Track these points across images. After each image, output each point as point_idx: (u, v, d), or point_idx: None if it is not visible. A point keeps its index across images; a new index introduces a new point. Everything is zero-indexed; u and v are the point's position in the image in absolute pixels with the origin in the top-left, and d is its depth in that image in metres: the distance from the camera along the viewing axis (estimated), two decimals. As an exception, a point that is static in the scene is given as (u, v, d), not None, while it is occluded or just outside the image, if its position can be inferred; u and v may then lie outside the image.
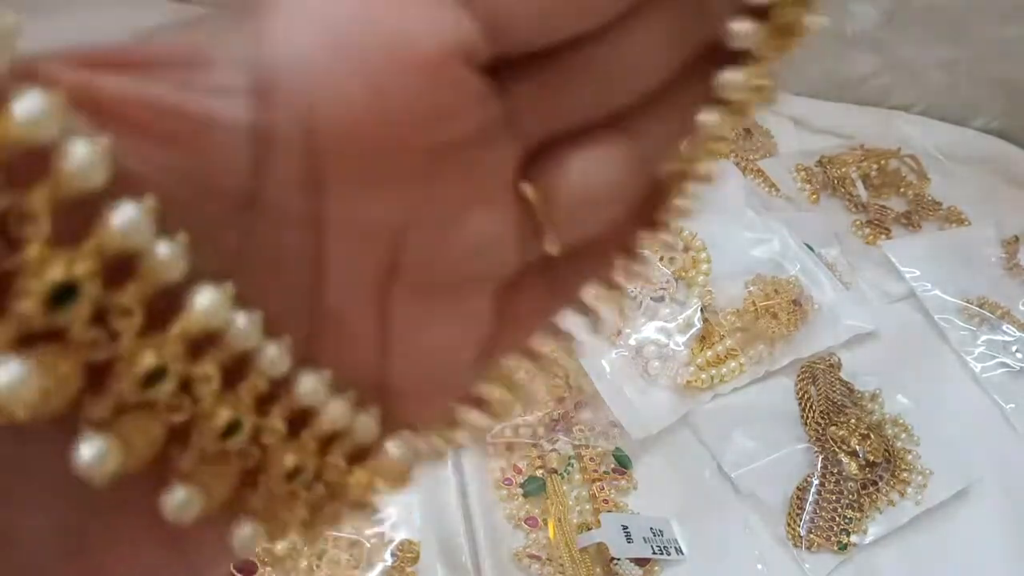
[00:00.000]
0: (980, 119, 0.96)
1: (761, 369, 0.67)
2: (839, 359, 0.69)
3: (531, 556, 0.55)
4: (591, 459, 0.61)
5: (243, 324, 0.14)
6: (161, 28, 0.14)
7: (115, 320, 0.13)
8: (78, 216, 0.12)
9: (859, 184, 0.85)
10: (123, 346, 0.13)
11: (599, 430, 0.63)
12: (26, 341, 0.12)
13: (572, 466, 0.60)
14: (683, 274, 0.70)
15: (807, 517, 0.60)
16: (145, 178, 0.13)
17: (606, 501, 0.59)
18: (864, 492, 0.62)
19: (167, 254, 0.13)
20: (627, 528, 0.56)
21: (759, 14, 0.16)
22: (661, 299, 0.68)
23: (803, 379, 0.68)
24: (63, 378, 0.12)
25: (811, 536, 0.59)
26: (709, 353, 0.66)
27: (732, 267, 0.71)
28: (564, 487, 0.59)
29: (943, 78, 0.94)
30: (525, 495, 0.58)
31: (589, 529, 0.57)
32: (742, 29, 0.16)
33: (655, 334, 0.66)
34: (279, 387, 0.15)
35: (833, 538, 0.59)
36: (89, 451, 0.13)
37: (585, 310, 0.19)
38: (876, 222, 0.82)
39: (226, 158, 0.14)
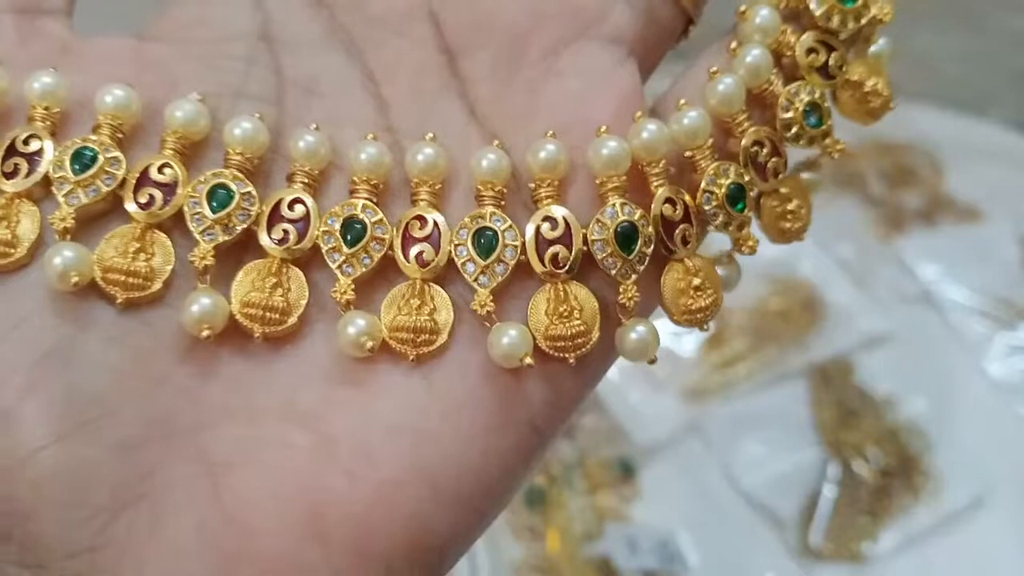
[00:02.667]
0: (996, 111, 0.94)
1: (772, 372, 0.66)
2: (852, 362, 0.68)
3: (532, 568, 0.55)
4: (595, 467, 0.60)
5: None
6: None
7: None
8: None
9: (873, 179, 0.84)
10: None
11: (603, 436, 0.62)
12: None
13: (575, 474, 0.60)
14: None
15: (819, 526, 0.59)
16: None
17: (610, 510, 0.58)
18: (878, 499, 0.61)
19: None
20: (632, 539, 0.56)
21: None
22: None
23: (816, 383, 0.67)
24: None
25: (824, 545, 0.59)
26: (718, 356, 0.65)
27: (742, 265, 0.70)
28: (566, 496, 0.58)
29: (958, 70, 0.93)
30: (526, 504, 0.58)
31: (592, 540, 0.56)
32: None
33: (662, 336, 0.65)
34: None
35: (846, 547, 0.59)
36: None
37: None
38: (891, 219, 0.81)
39: None
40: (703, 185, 0.19)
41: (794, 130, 0.20)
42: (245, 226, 0.19)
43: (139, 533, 0.17)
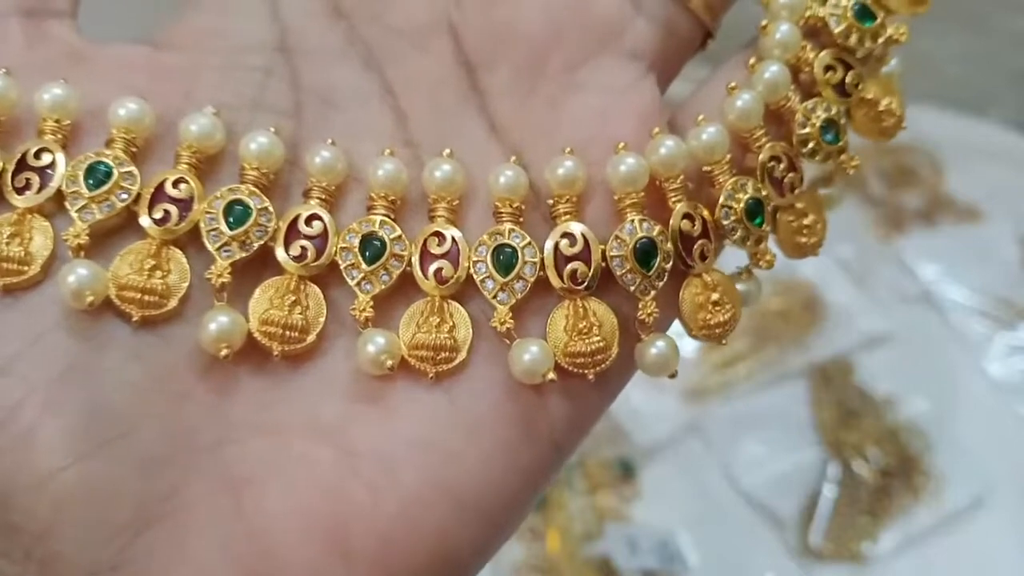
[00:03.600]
0: (997, 111, 0.94)
1: (772, 372, 0.66)
2: (853, 362, 0.68)
3: (532, 568, 0.55)
4: (595, 467, 0.60)
5: None
6: None
7: None
8: None
9: (874, 179, 0.84)
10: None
11: (603, 436, 0.62)
12: None
13: (575, 474, 0.60)
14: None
15: (819, 526, 0.59)
16: None
17: (610, 510, 0.58)
18: (878, 499, 0.61)
19: None
20: (632, 539, 0.56)
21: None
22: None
23: (816, 383, 0.67)
24: None
25: (824, 545, 0.59)
26: (718, 356, 0.65)
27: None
28: (566, 496, 0.58)
29: (958, 70, 0.93)
30: (526, 504, 0.58)
31: (592, 540, 0.56)
32: None
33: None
34: None
35: (846, 547, 0.59)
36: None
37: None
38: (891, 219, 0.81)
39: None
40: (721, 200, 0.19)
41: (811, 146, 0.20)
42: (262, 243, 0.18)
43: (162, 552, 0.17)
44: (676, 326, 0.20)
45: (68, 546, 0.16)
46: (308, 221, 0.19)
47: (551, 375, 0.18)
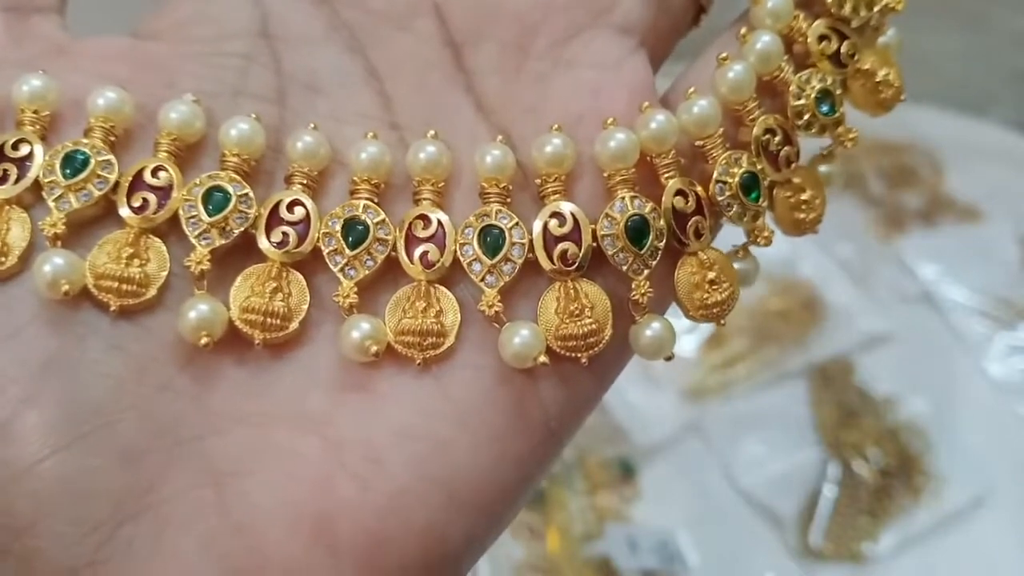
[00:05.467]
0: (997, 111, 0.94)
1: (772, 372, 0.66)
2: (853, 362, 0.68)
3: (532, 568, 0.54)
4: (595, 467, 0.60)
5: None
6: None
7: None
8: None
9: (873, 179, 0.84)
10: None
11: (603, 436, 0.61)
12: None
13: (575, 474, 0.60)
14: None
15: (819, 526, 0.59)
16: None
17: (610, 510, 0.58)
18: (878, 499, 0.61)
19: None
20: (632, 538, 0.55)
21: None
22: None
23: (816, 382, 0.66)
24: None
25: (824, 545, 0.58)
26: (718, 356, 0.65)
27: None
28: (566, 496, 0.58)
29: (958, 70, 0.93)
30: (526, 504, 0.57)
31: (592, 539, 0.56)
32: None
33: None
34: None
35: (846, 547, 0.59)
36: None
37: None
38: (891, 218, 0.81)
39: None
40: (715, 175, 0.19)
41: (806, 118, 0.20)
42: (243, 229, 0.18)
43: (142, 547, 0.16)
44: (675, 310, 0.20)
45: (47, 541, 0.16)
46: (290, 207, 0.18)
47: (543, 359, 0.17)
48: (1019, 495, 0.63)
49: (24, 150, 0.18)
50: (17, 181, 0.18)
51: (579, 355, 0.18)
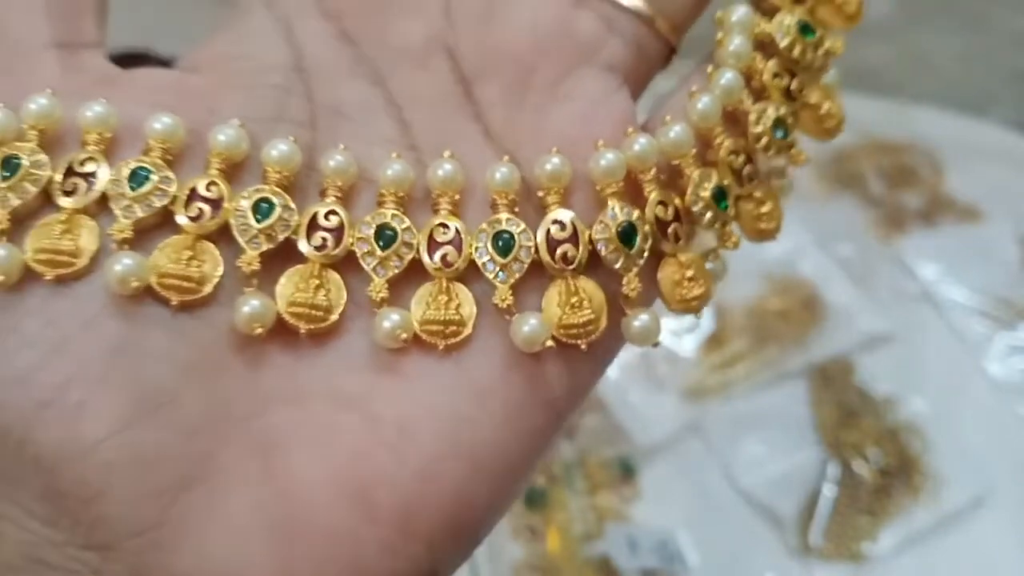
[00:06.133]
0: (997, 111, 0.94)
1: (772, 372, 0.66)
2: (852, 362, 0.68)
3: (532, 568, 0.55)
4: (595, 467, 0.60)
5: None
6: None
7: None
8: None
9: (873, 179, 0.84)
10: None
11: (603, 436, 0.62)
12: None
13: (575, 474, 0.60)
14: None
15: (819, 525, 0.60)
16: None
17: (610, 510, 0.58)
18: (878, 499, 0.61)
19: None
20: (632, 538, 0.56)
21: None
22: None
23: (816, 382, 0.67)
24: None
25: (823, 545, 0.59)
26: (718, 356, 0.65)
27: (742, 265, 0.69)
28: (566, 496, 0.58)
29: (958, 70, 0.93)
30: (526, 504, 0.58)
31: (593, 539, 0.56)
32: None
33: (662, 336, 0.65)
34: None
35: (846, 547, 0.59)
36: None
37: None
38: (891, 218, 0.81)
39: None
40: (690, 189, 0.22)
41: (764, 141, 0.23)
42: (286, 235, 0.21)
43: (199, 512, 0.18)
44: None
45: (115, 508, 0.18)
46: (326, 216, 0.21)
47: (549, 343, 0.20)
48: (1019, 495, 0.63)
49: (90, 167, 0.20)
50: (86, 193, 0.20)
51: (579, 341, 0.21)
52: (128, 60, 0.23)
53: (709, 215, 0.22)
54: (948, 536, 0.61)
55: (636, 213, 0.21)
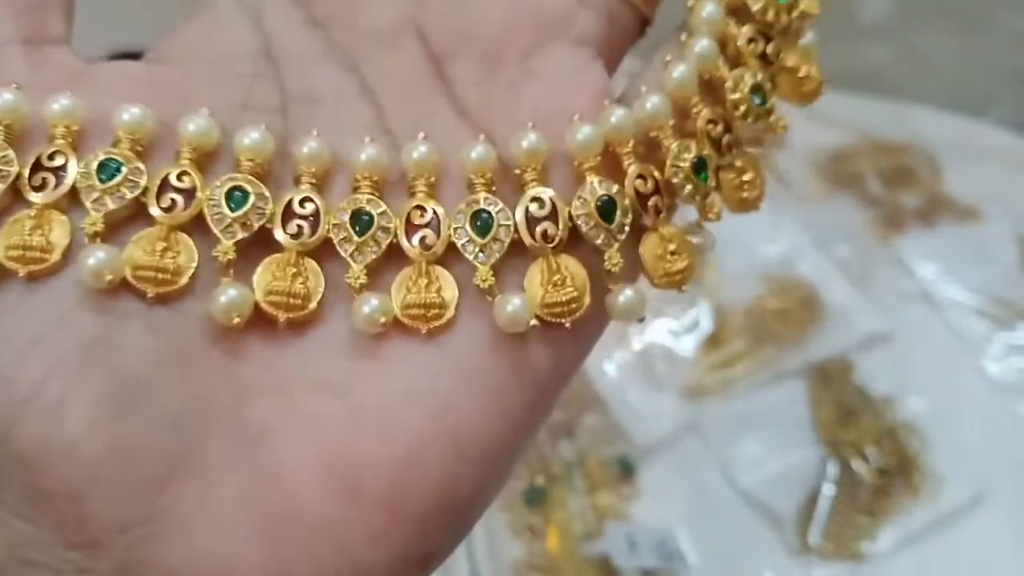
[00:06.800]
0: (996, 111, 0.94)
1: (771, 372, 0.66)
2: (851, 361, 0.68)
3: (532, 567, 0.55)
4: (594, 466, 0.60)
5: None
6: None
7: None
8: None
9: (872, 179, 0.84)
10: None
11: (603, 435, 0.62)
12: None
13: (575, 473, 0.60)
14: (690, 272, 0.69)
15: (818, 524, 0.60)
16: None
17: (610, 509, 0.58)
18: (876, 498, 0.61)
19: None
20: (632, 537, 0.56)
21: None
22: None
23: (814, 382, 0.67)
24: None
25: (822, 544, 0.59)
26: (717, 355, 0.65)
27: (740, 265, 0.70)
28: (566, 495, 0.58)
29: (958, 70, 0.93)
30: (525, 503, 0.58)
31: (592, 538, 0.56)
32: None
33: (661, 336, 0.65)
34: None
35: (845, 546, 0.59)
36: None
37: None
38: (889, 219, 0.81)
39: None
40: (669, 161, 0.22)
41: (742, 108, 0.22)
42: (262, 224, 0.20)
43: (187, 503, 0.18)
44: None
45: (100, 505, 0.18)
46: (301, 203, 0.21)
47: (533, 322, 0.20)
48: (1017, 494, 0.63)
49: (59, 160, 0.20)
50: (55, 187, 0.20)
51: (563, 320, 0.20)
52: (127, 59, 0.23)
53: (689, 187, 0.22)
54: (946, 535, 0.61)
55: (616, 187, 0.21)
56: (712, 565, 0.57)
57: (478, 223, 0.21)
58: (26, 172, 0.20)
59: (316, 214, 0.21)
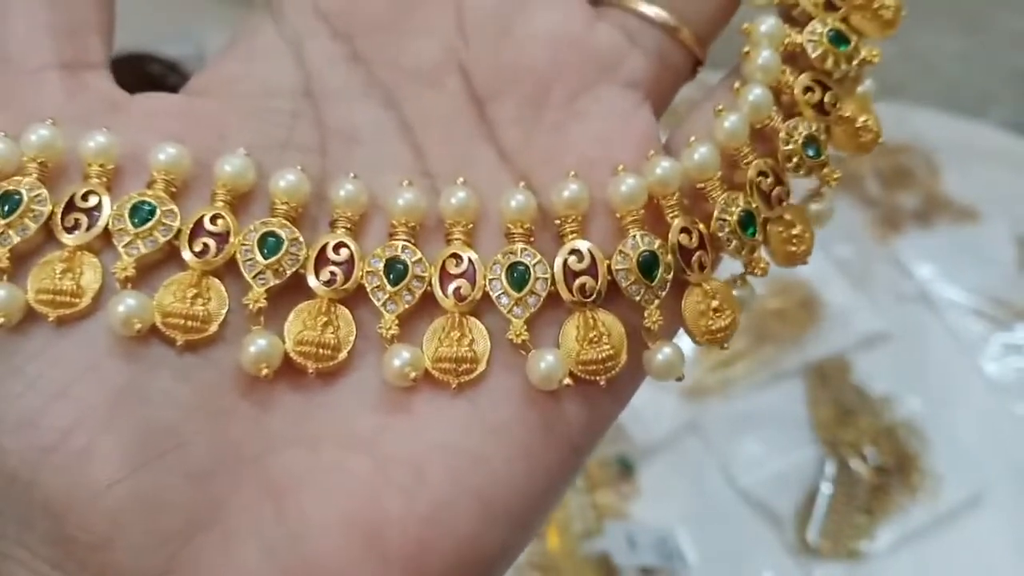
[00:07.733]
0: (996, 111, 0.94)
1: (770, 371, 0.66)
2: (850, 361, 0.68)
3: (532, 566, 0.54)
4: (594, 465, 0.60)
5: None
6: None
7: None
8: None
9: (871, 180, 0.84)
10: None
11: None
12: None
13: (575, 472, 0.59)
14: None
15: (817, 523, 0.60)
16: None
17: (610, 508, 0.58)
18: (875, 497, 0.61)
19: None
20: (632, 536, 0.56)
21: None
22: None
23: (813, 382, 0.67)
24: None
25: (821, 543, 0.59)
26: (716, 355, 0.65)
27: (739, 265, 0.69)
28: (566, 494, 0.58)
29: (958, 70, 0.92)
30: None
31: (592, 537, 0.56)
32: None
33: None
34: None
35: (843, 545, 0.59)
36: None
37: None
38: (888, 219, 0.81)
39: None
40: (716, 214, 0.21)
41: (795, 160, 0.21)
42: (294, 270, 0.20)
43: (210, 557, 0.18)
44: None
45: (122, 555, 0.17)
46: (336, 249, 0.20)
47: (567, 380, 0.19)
48: (1014, 493, 0.63)
49: (92, 201, 0.20)
50: (88, 229, 0.20)
51: (598, 378, 0.20)
52: (129, 61, 0.23)
53: (735, 242, 0.21)
54: (944, 534, 0.61)
55: (658, 242, 0.20)
56: (711, 564, 0.57)
57: (514, 275, 0.20)
58: (59, 211, 0.20)
59: (350, 260, 0.20)
